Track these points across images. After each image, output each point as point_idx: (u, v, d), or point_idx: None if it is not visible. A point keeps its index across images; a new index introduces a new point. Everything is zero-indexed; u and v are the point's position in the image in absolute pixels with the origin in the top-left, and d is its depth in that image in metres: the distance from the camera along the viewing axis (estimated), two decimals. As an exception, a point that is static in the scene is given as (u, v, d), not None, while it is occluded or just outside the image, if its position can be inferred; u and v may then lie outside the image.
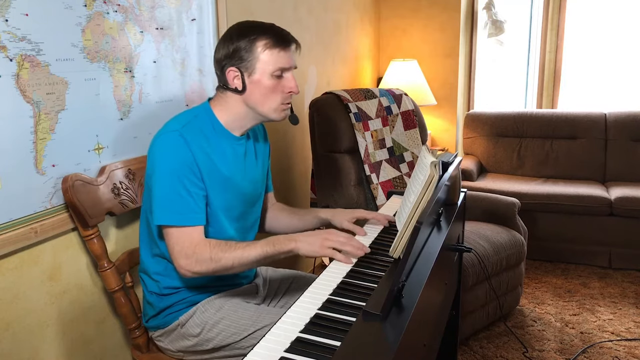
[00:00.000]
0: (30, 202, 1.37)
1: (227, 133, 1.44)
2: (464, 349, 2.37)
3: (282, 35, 1.38)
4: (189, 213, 1.32)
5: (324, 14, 3.11)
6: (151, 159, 1.35)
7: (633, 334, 2.48)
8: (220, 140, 1.42)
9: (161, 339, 1.50)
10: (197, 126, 1.38)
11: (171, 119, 1.40)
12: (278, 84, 1.39)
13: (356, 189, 2.55)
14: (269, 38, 1.36)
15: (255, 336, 1.35)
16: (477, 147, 3.88)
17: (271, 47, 1.36)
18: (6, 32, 1.27)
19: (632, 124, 3.53)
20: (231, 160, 1.44)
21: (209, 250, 1.30)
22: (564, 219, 3.26)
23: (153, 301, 1.48)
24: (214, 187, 1.39)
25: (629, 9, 3.97)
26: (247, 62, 1.36)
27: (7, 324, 1.35)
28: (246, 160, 1.50)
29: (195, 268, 1.30)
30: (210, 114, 1.43)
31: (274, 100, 1.40)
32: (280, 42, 1.37)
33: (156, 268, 1.46)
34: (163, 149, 1.33)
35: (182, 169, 1.31)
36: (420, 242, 1.21)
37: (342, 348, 0.90)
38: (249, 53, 1.36)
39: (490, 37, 4.12)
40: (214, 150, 1.39)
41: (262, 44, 1.35)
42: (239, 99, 1.40)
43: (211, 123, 1.42)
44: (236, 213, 1.48)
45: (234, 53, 1.36)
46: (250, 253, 1.31)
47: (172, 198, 1.31)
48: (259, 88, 1.38)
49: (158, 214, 1.32)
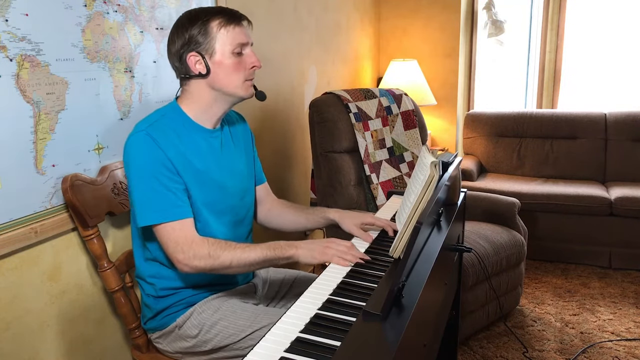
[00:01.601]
0: (30, 202, 1.37)
1: (199, 127, 1.42)
2: (464, 349, 2.37)
3: (232, 13, 1.38)
4: (172, 208, 1.31)
5: (324, 14, 3.11)
6: (125, 162, 1.34)
7: (633, 334, 2.48)
8: (192, 135, 1.40)
9: (160, 340, 1.50)
10: (166, 124, 1.36)
11: (139, 121, 1.39)
12: (240, 61, 1.38)
13: (356, 189, 2.55)
14: (221, 17, 1.36)
15: (253, 337, 1.34)
16: (477, 147, 3.88)
17: (225, 25, 1.35)
18: (6, 32, 1.27)
19: (632, 124, 3.53)
20: (206, 153, 1.42)
21: (207, 247, 1.30)
22: (564, 219, 3.26)
23: (150, 303, 1.47)
24: (191, 181, 1.37)
25: (629, 9, 3.97)
26: (205, 44, 1.35)
27: (7, 324, 1.35)
28: (223, 152, 1.48)
29: (194, 262, 1.30)
30: (179, 110, 1.41)
31: (238, 77, 1.39)
32: (232, 19, 1.37)
33: (150, 271, 1.46)
34: (132, 150, 1.32)
35: (155, 166, 1.31)
36: (420, 242, 1.21)
37: (342, 348, 0.90)
38: (205, 36, 1.35)
39: (490, 37, 4.12)
40: (186, 146, 1.38)
41: (216, 23, 1.35)
42: (204, 85, 1.39)
43: (180, 119, 1.40)
44: (221, 207, 1.46)
45: (190, 39, 1.35)
46: (250, 254, 1.31)
47: (151, 196, 1.30)
48: (222, 68, 1.37)
49: (141, 215, 1.32)
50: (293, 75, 2.83)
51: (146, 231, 1.39)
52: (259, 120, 2.53)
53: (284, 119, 2.78)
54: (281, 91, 2.73)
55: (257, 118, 2.51)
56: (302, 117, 2.93)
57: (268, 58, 2.56)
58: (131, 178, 1.32)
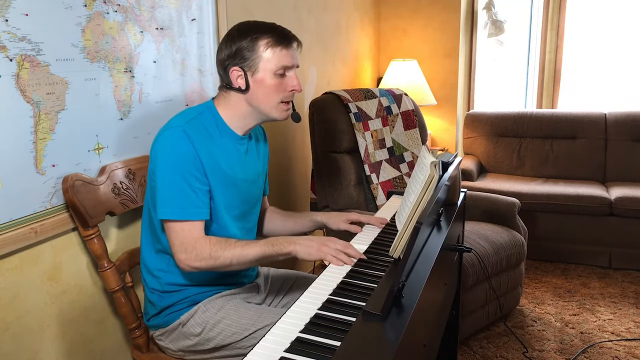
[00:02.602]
0: (30, 202, 1.37)
1: (231, 132, 1.45)
2: (464, 349, 2.37)
3: (283, 33, 1.39)
4: (191, 208, 1.33)
5: (324, 14, 3.11)
6: (154, 154, 1.36)
7: (633, 334, 2.48)
8: (223, 139, 1.43)
9: (162, 338, 1.50)
10: (201, 123, 1.39)
11: (175, 116, 1.41)
12: (281, 83, 1.40)
13: (356, 189, 2.55)
14: (270, 37, 1.37)
15: (255, 336, 1.35)
16: (477, 147, 3.88)
17: (273, 46, 1.37)
18: (6, 32, 1.27)
19: (632, 124, 3.53)
20: (234, 158, 1.44)
21: (208, 247, 1.32)
22: (564, 219, 3.26)
23: (154, 300, 1.48)
24: (216, 183, 1.39)
25: (629, 9, 3.97)
26: (250, 61, 1.37)
27: (7, 324, 1.35)
28: (247, 159, 1.50)
29: (195, 263, 1.32)
30: (215, 112, 1.44)
31: (276, 98, 1.41)
32: (282, 40, 1.38)
33: (159, 264, 1.46)
34: (166, 144, 1.34)
35: (185, 163, 1.33)
36: (420, 242, 1.21)
37: (342, 348, 0.90)
38: (252, 52, 1.36)
39: (490, 37, 4.12)
40: (217, 148, 1.40)
41: (264, 42, 1.36)
42: (242, 98, 1.41)
43: (215, 121, 1.42)
44: (237, 212, 1.49)
45: (237, 53, 1.37)
46: (249, 252, 1.33)
47: (175, 192, 1.32)
48: (262, 87, 1.39)
49: (161, 208, 1.33)
50: (293, 75, 2.83)
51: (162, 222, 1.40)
52: (259, 120, 2.53)
53: (284, 119, 2.77)
54: (281, 91, 2.72)
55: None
56: (302, 117, 2.93)
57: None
58: (158, 170, 1.34)
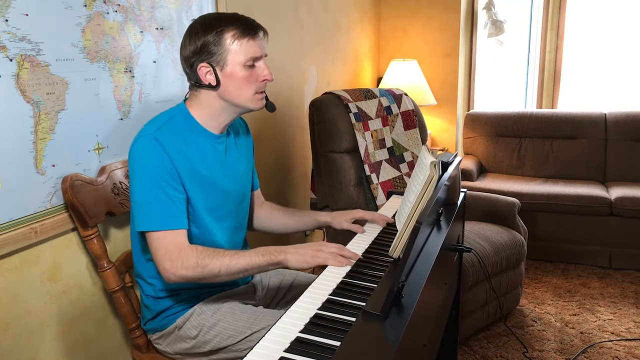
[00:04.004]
0: (30, 202, 1.37)
1: (206, 132, 1.41)
2: (464, 349, 2.37)
3: (248, 23, 1.35)
4: (170, 217, 1.30)
5: (324, 14, 3.11)
6: (130, 164, 1.33)
7: (633, 334, 2.48)
8: (198, 140, 1.39)
9: (159, 341, 1.49)
10: (173, 127, 1.35)
11: (147, 122, 1.37)
12: (251, 74, 1.36)
13: (356, 189, 2.55)
14: (235, 28, 1.33)
15: (252, 339, 1.34)
16: (477, 147, 3.88)
17: (240, 37, 1.33)
18: (6, 32, 1.27)
19: (632, 124, 3.53)
20: (211, 159, 1.41)
21: (195, 255, 1.28)
22: (564, 219, 3.26)
23: (150, 304, 1.47)
24: (194, 188, 1.36)
25: (629, 9, 3.97)
26: (217, 55, 1.33)
27: (7, 324, 1.35)
28: (227, 158, 1.47)
29: (181, 272, 1.27)
30: (187, 114, 1.40)
31: (248, 90, 1.37)
32: (247, 31, 1.34)
33: (151, 272, 1.44)
34: (139, 154, 1.30)
35: (160, 173, 1.29)
36: (420, 242, 1.21)
37: (342, 348, 0.90)
38: (218, 46, 1.32)
39: (490, 37, 4.12)
40: (192, 151, 1.37)
41: (230, 35, 1.32)
42: (214, 95, 1.37)
43: (188, 123, 1.39)
44: (222, 212, 1.46)
45: (202, 48, 1.33)
46: (239, 261, 1.29)
47: (152, 203, 1.29)
48: (233, 80, 1.35)
49: (139, 220, 1.31)
50: (293, 75, 2.83)
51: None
52: (259, 120, 2.53)
53: (284, 119, 2.78)
54: (281, 91, 2.72)
55: (257, 118, 2.51)
56: (302, 117, 2.93)
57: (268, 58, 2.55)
58: (134, 181, 1.31)
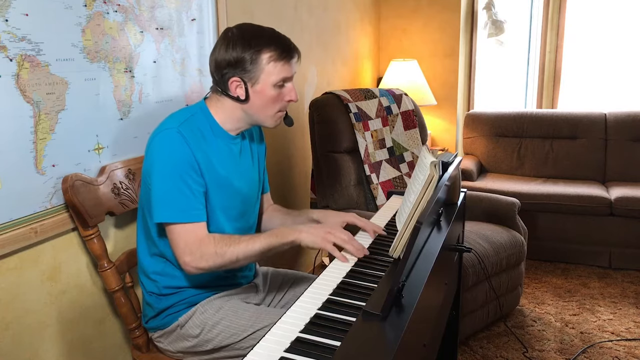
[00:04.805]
0: (30, 202, 1.37)
1: (224, 132, 1.44)
2: (464, 349, 2.37)
3: (286, 46, 1.38)
4: (192, 210, 1.32)
5: (324, 14, 3.11)
6: (149, 157, 1.34)
7: (633, 334, 2.48)
8: (216, 139, 1.42)
9: (161, 339, 1.50)
10: (194, 124, 1.38)
11: (167, 117, 1.40)
12: (279, 94, 1.40)
13: (356, 189, 2.55)
14: (274, 50, 1.36)
15: (254, 337, 1.35)
16: (477, 147, 3.88)
17: (276, 60, 1.36)
18: (6, 32, 1.27)
19: (632, 124, 3.53)
20: (227, 159, 1.44)
21: (213, 245, 1.31)
22: (564, 219, 3.26)
23: (152, 302, 1.48)
24: (212, 185, 1.39)
25: (629, 9, 3.97)
26: (251, 73, 1.36)
27: (7, 324, 1.35)
28: (241, 160, 1.50)
29: (201, 264, 1.31)
30: (207, 113, 1.43)
31: (273, 109, 1.42)
32: (284, 54, 1.37)
33: (154, 268, 1.46)
34: (162, 146, 1.32)
35: (182, 165, 1.32)
36: (420, 242, 1.21)
37: (342, 348, 0.90)
38: (254, 65, 1.35)
39: (490, 37, 4.12)
40: (211, 149, 1.39)
41: (267, 56, 1.35)
42: (238, 106, 1.41)
43: (208, 122, 1.42)
44: (235, 213, 1.48)
45: (238, 63, 1.35)
46: (255, 245, 1.32)
47: (174, 195, 1.31)
48: (261, 98, 1.39)
49: (159, 212, 1.32)
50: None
51: (158, 226, 1.39)
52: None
53: (284, 119, 2.77)
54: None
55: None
56: (302, 117, 2.94)
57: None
58: (155, 173, 1.32)
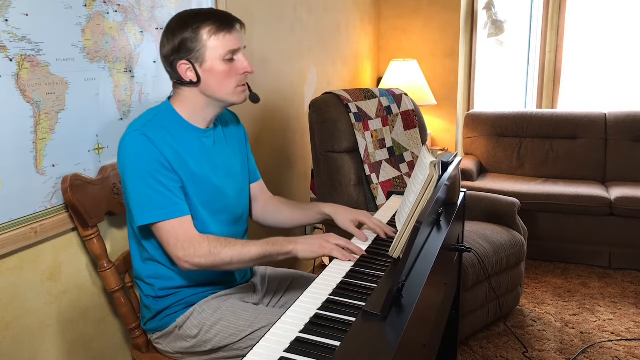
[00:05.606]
0: (30, 202, 1.37)
1: (191, 127, 1.42)
2: (464, 349, 2.37)
3: (224, 17, 1.36)
4: (171, 206, 1.31)
5: (324, 14, 3.11)
6: (120, 163, 1.33)
7: (633, 334, 2.48)
8: (185, 135, 1.39)
9: (159, 341, 1.49)
10: (159, 123, 1.36)
11: (132, 121, 1.38)
12: (231, 68, 1.37)
13: (356, 189, 2.55)
14: (212, 24, 1.33)
15: (253, 337, 1.34)
16: (477, 147, 3.88)
17: (216, 32, 1.33)
18: (6, 32, 1.27)
19: (632, 124, 3.53)
20: (199, 153, 1.41)
21: (207, 244, 1.31)
22: (564, 219, 3.26)
23: (150, 304, 1.47)
24: (187, 181, 1.37)
25: (629, 9, 3.97)
26: (195, 52, 1.34)
27: (7, 324, 1.35)
28: (216, 151, 1.47)
29: (195, 260, 1.30)
30: (171, 110, 1.41)
31: (229, 84, 1.38)
32: (223, 25, 1.35)
33: (148, 272, 1.45)
34: (127, 150, 1.31)
35: (152, 164, 1.30)
36: (420, 242, 1.21)
37: (342, 348, 0.90)
38: (196, 43, 1.33)
39: (490, 37, 4.12)
40: (180, 145, 1.37)
41: (207, 30, 1.33)
42: (196, 91, 1.38)
43: (173, 119, 1.40)
44: (217, 206, 1.46)
45: (181, 46, 1.34)
46: (250, 250, 1.32)
47: (150, 195, 1.30)
48: (213, 75, 1.36)
49: (140, 215, 1.31)
50: (293, 75, 2.83)
51: (143, 230, 1.38)
52: (259, 120, 2.53)
53: (284, 119, 2.78)
54: (281, 91, 2.73)
55: (257, 118, 2.51)
56: (302, 117, 2.94)
57: (268, 58, 2.56)
58: (127, 178, 1.31)
